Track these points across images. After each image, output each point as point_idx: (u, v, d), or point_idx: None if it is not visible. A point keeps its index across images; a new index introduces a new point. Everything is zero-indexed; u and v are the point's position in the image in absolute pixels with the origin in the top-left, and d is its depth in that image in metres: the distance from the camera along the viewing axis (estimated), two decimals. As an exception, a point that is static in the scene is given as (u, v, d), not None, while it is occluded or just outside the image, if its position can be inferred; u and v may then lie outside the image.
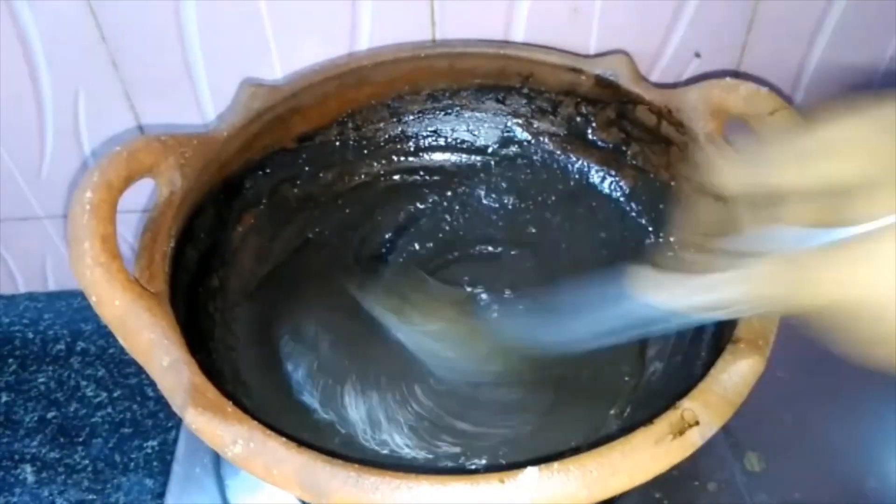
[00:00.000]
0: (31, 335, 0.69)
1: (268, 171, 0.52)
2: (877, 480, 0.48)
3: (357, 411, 0.48)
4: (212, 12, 0.52)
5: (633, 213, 0.55)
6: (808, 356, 0.54)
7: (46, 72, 0.54)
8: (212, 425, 0.32)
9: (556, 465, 0.30)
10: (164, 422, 0.62)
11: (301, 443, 0.31)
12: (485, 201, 0.59)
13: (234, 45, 0.54)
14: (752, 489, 0.48)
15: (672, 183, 0.51)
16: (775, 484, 0.48)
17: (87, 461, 0.60)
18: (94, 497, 0.57)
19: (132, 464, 0.59)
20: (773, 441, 0.50)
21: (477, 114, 0.58)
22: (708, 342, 0.43)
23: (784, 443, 0.50)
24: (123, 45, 0.53)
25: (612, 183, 0.56)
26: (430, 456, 0.46)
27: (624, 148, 0.54)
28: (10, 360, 0.67)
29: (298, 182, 0.55)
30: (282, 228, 0.54)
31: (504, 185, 0.59)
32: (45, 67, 0.54)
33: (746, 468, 0.49)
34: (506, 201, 0.59)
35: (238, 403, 0.34)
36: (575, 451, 0.31)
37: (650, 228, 0.54)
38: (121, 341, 0.35)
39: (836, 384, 0.53)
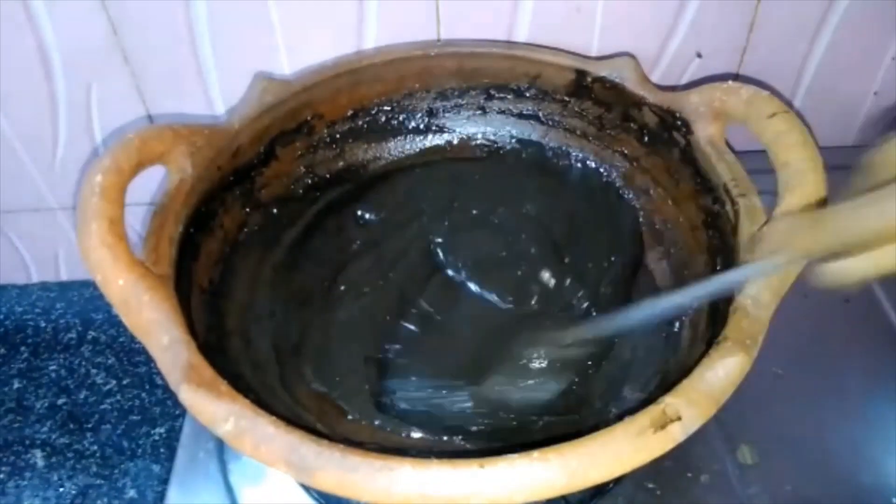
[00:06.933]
0: (43, 324, 0.69)
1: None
2: (869, 475, 0.48)
3: None
4: (222, 8, 0.53)
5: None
6: (803, 351, 0.54)
7: (60, 65, 0.55)
8: (205, 402, 0.32)
9: (535, 453, 0.31)
10: (172, 409, 0.62)
11: (290, 422, 0.32)
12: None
13: (244, 41, 0.55)
14: (744, 481, 0.48)
15: (675, 184, 0.52)
16: (768, 477, 0.48)
17: (95, 447, 0.60)
18: (102, 482, 0.58)
19: (140, 450, 0.60)
20: (767, 434, 0.50)
21: (485, 113, 0.58)
22: (699, 340, 0.43)
23: (777, 436, 0.50)
24: (135, 39, 0.54)
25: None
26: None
27: (627, 150, 0.55)
28: (23, 348, 0.68)
29: (308, 174, 0.56)
30: (290, 218, 0.55)
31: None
32: (59, 61, 0.55)
33: (739, 461, 0.49)
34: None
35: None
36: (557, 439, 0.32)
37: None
38: (123, 319, 0.36)
39: (829, 379, 0.53)
